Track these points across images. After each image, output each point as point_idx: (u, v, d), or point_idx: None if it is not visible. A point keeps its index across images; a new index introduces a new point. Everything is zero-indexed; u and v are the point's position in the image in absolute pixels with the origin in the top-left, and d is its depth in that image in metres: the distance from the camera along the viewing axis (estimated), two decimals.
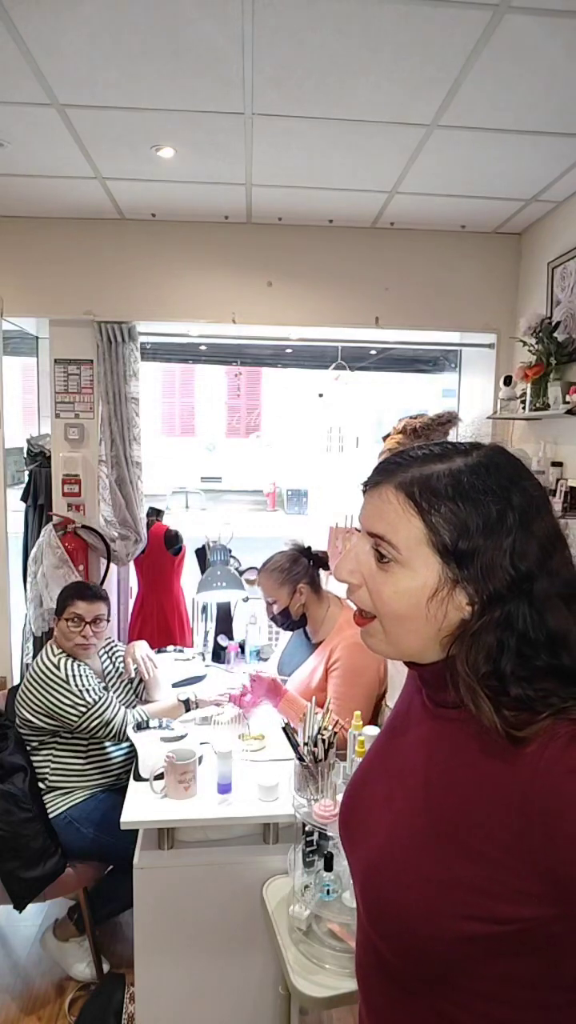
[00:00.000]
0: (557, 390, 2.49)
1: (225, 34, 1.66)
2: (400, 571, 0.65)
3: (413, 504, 0.64)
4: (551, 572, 0.63)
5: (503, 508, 0.62)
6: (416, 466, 0.66)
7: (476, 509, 0.62)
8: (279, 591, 2.26)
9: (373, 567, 0.67)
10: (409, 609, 0.65)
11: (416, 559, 0.64)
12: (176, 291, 3.00)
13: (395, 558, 0.65)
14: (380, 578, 0.66)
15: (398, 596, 0.65)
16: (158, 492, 7.09)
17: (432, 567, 0.64)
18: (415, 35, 1.64)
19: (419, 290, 3.06)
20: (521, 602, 0.62)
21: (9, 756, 2.11)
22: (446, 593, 0.63)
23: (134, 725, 2.12)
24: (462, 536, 0.62)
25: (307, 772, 1.67)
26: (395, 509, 0.65)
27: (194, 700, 2.27)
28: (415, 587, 0.64)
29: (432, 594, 0.63)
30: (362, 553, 0.69)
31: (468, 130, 2.11)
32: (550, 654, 0.61)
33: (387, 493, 0.66)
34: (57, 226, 2.93)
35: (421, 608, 0.64)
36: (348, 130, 2.13)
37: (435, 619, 0.64)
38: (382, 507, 0.66)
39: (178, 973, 1.74)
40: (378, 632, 0.69)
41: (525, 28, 1.60)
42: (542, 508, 0.66)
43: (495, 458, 0.66)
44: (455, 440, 0.69)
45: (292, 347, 3.57)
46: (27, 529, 3.31)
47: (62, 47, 1.72)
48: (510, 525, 0.62)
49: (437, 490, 0.64)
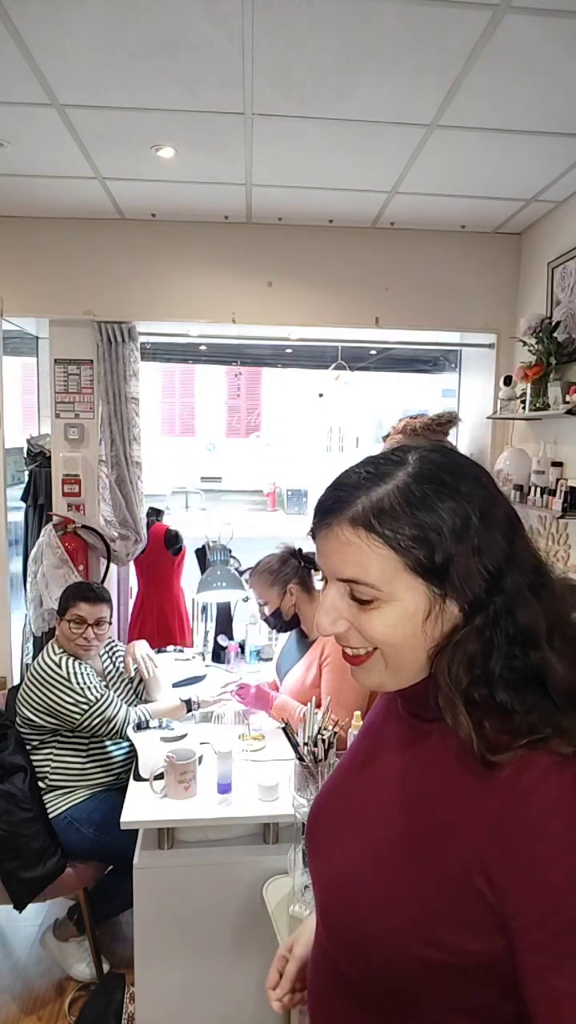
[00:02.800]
0: (557, 390, 2.49)
1: (225, 34, 1.65)
2: (386, 607, 0.62)
3: (375, 535, 0.60)
4: (516, 561, 0.62)
5: (460, 506, 0.60)
6: (361, 494, 0.62)
7: (436, 517, 0.60)
8: (269, 592, 2.26)
9: (355, 610, 0.63)
10: (407, 637, 0.62)
11: (398, 588, 0.61)
12: (176, 291, 3.00)
13: (377, 596, 0.61)
14: (366, 618, 0.63)
15: (392, 629, 0.62)
16: (158, 492, 7.09)
17: (417, 591, 0.61)
18: (415, 35, 1.64)
19: (419, 290, 3.06)
20: (499, 601, 0.60)
21: (9, 756, 2.11)
22: (439, 610, 0.61)
23: (134, 724, 2.12)
24: (435, 549, 0.60)
25: (307, 772, 1.67)
26: (359, 548, 0.61)
27: (196, 700, 2.27)
28: (407, 615, 0.61)
29: (426, 616, 0.61)
30: (337, 599, 0.64)
31: (468, 130, 2.11)
32: (523, 651, 0.60)
33: (343, 533, 0.62)
34: (57, 226, 2.93)
35: (419, 633, 0.62)
36: (348, 130, 2.13)
37: (433, 638, 0.62)
38: (343, 550, 0.62)
39: (178, 973, 1.74)
40: (377, 666, 0.65)
41: (525, 28, 1.60)
42: (493, 493, 0.64)
43: (432, 458, 0.63)
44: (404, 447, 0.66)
45: (292, 347, 3.57)
46: (27, 529, 3.31)
47: (62, 47, 1.72)
48: (471, 522, 0.60)
49: (393, 513, 0.60)
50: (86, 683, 2.14)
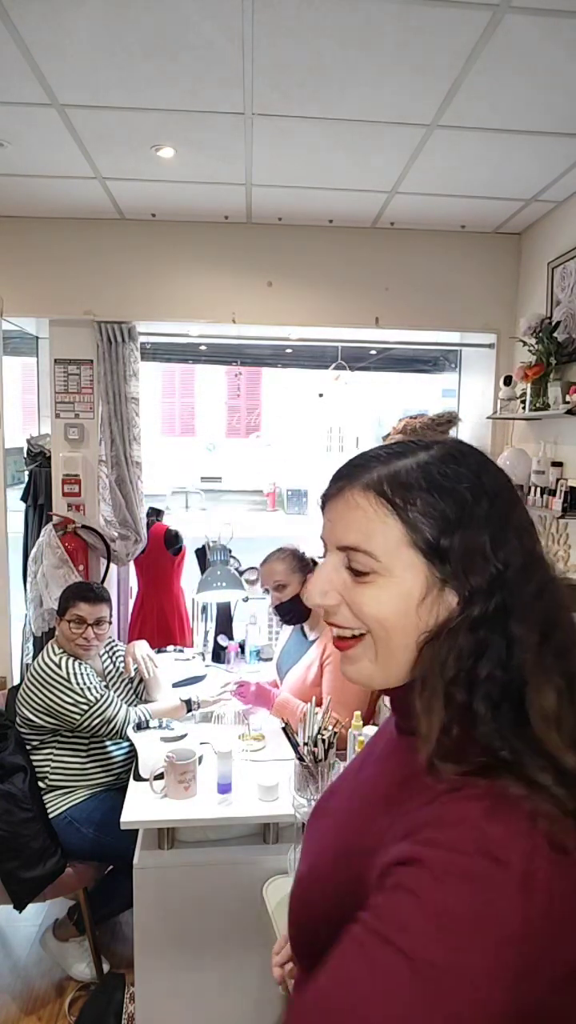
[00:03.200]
0: (557, 390, 2.49)
1: (225, 34, 1.66)
2: (382, 581, 0.59)
3: (386, 502, 0.58)
4: (526, 565, 0.58)
5: (478, 495, 0.58)
6: (380, 464, 0.60)
7: (452, 499, 0.58)
8: (292, 576, 2.26)
9: (349, 583, 0.61)
10: (398, 618, 0.58)
11: (398, 564, 0.58)
12: (176, 291, 3.00)
13: (374, 568, 0.59)
14: (359, 592, 0.60)
15: (384, 606, 0.59)
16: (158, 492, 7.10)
17: (417, 570, 0.58)
18: (415, 35, 1.64)
19: (419, 290, 3.06)
20: (497, 601, 0.57)
21: (9, 756, 2.11)
22: (436, 595, 0.58)
23: (135, 724, 2.12)
24: (444, 530, 0.57)
25: (307, 772, 1.67)
26: (366, 513, 0.59)
27: (196, 700, 2.27)
28: (402, 594, 0.58)
29: (421, 599, 0.58)
30: (332, 571, 0.62)
31: (468, 130, 2.11)
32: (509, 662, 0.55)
33: (353, 497, 0.60)
34: (57, 226, 2.93)
35: (411, 616, 0.58)
36: (348, 130, 2.13)
37: (425, 625, 0.58)
38: (349, 515, 0.60)
39: (178, 973, 1.74)
40: (365, 654, 0.61)
41: (525, 28, 1.60)
42: (514, 495, 0.62)
43: (459, 447, 0.62)
44: (459, 438, 0.65)
45: (292, 347, 3.57)
46: (27, 529, 3.31)
47: (62, 47, 1.72)
48: (487, 513, 0.58)
49: (409, 484, 0.58)
50: (86, 683, 2.14)
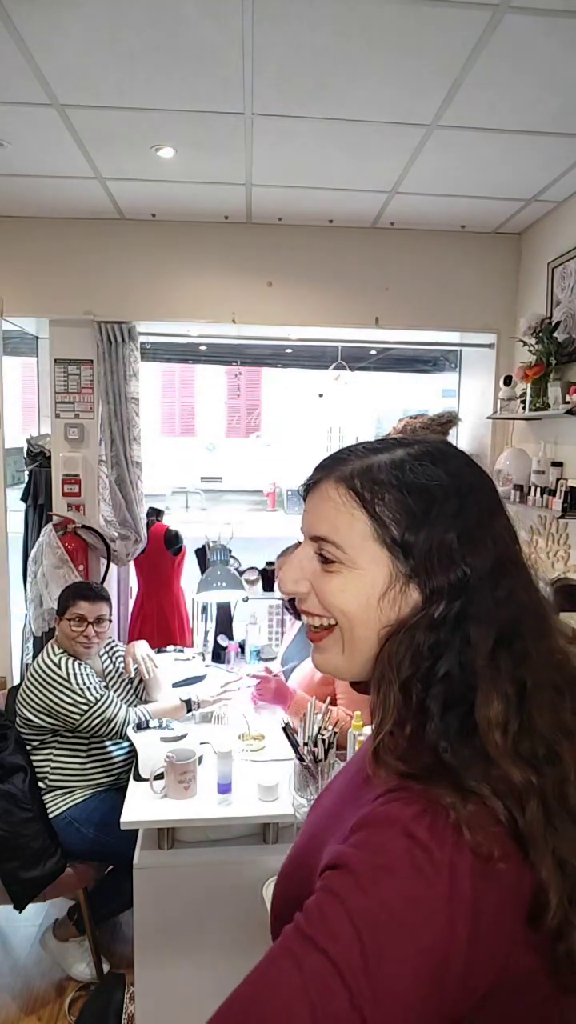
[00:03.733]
0: (557, 390, 2.49)
1: (225, 34, 1.66)
2: (347, 572, 0.60)
3: (355, 496, 0.60)
4: (496, 569, 0.58)
5: (448, 495, 0.58)
6: (356, 459, 0.62)
7: (422, 496, 0.58)
8: None
9: (319, 572, 0.62)
10: (359, 610, 0.59)
11: (362, 557, 0.59)
12: (176, 291, 3.00)
13: (340, 559, 0.60)
14: (325, 581, 0.61)
15: (346, 597, 0.60)
16: (158, 492, 7.09)
17: (381, 563, 0.59)
18: (415, 35, 1.64)
19: (419, 290, 3.06)
20: (460, 603, 0.56)
21: (9, 756, 2.11)
22: (399, 590, 0.58)
23: (134, 725, 2.12)
24: (410, 526, 0.58)
25: (307, 772, 1.67)
26: (335, 505, 0.60)
27: (196, 700, 2.27)
28: (364, 585, 0.59)
29: (383, 592, 0.58)
30: (305, 559, 0.63)
31: (468, 130, 2.11)
32: (462, 664, 0.55)
33: (327, 489, 0.62)
34: (57, 226, 2.93)
35: (373, 609, 0.59)
36: (348, 130, 2.13)
37: (387, 618, 0.59)
38: (322, 506, 0.62)
39: (178, 973, 1.74)
40: (334, 645, 0.63)
41: (525, 28, 1.60)
42: (493, 500, 0.62)
43: (440, 448, 0.63)
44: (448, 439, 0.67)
45: (292, 347, 3.57)
46: (27, 529, 3.31)
47: (62, 47, 1.72)
48: (456, 513, 0.58)
49: (379, 479, 0.59)
50: (86, 683, 2.14)
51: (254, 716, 2.25)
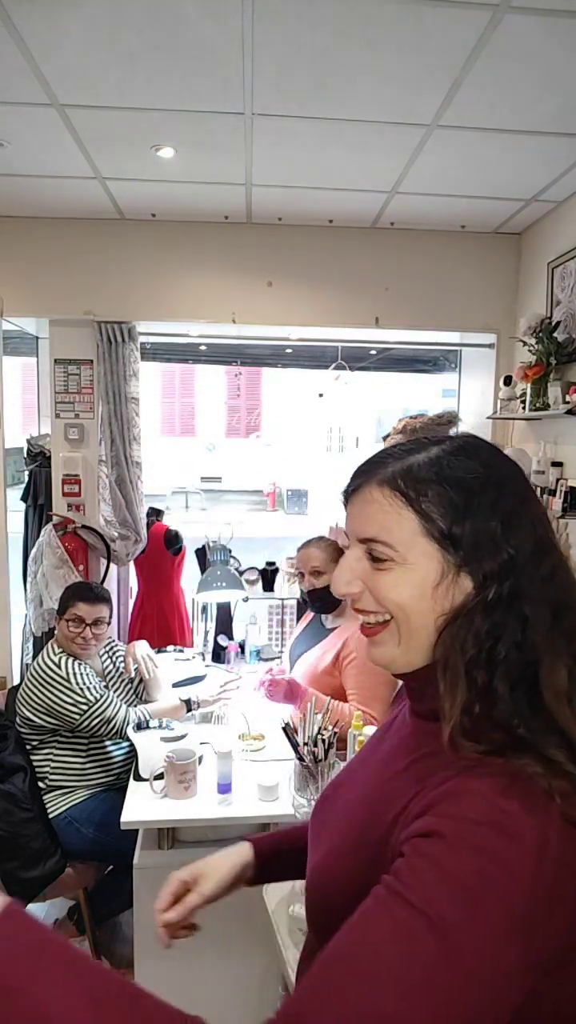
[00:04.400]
0: (557, 390, 2.49)
1: (225, 34, 1.66)
2: (399, 568, 0.63)
3: (400, 495, 0.63)
4: (538, 551, 0.61)
5: (486, 485, 0.62)
6: (395, 460, 0.65)
7: (463, 489, 0.62)
8: (330, 564, 2.26)
9: (369, 571, 0.65)
10: (414, 602, 0.62)
11: (414, 552, 0.62)
12: (176, 291, 3.00)
13: (391, 557, 0.63)
14: (379, 578, 0.64)
15: (401, 591, 0.63)
16: (158, 492, 7.10)
17: (432, 557, 0.62)
18: (415, 35, 1.64)
19: (419, 290, 3.06)
20: (510, 584, 0.60)
21: (9, 756, 2.11)
22: (451, 580, 0.62)
23: (134, 725, 2.12)
24: (455, 519, 0.61)
25: (307, 772, 1.67)
26: (382, 507, 0.64)
27: (196, 700, 2.27)
28: (417, 579, 0.62)
29: (436, 584, 0.62)
30: (355, 561, 0.66)
31: (468, 130, 2.11)
32: (523, 642, 0.59)
33: (370, 493, 0.65)
34: (57, 226, 2.93)
35: (427, 600, 0.62)
36: (348, 130, 2.13)
37: (442, 608, 0.62)
38: (367, 509, 0.65)
39: (178, 973, 1.74)
40: (390, 638, 0.65)
41: (525, 28, 1.60)
42: (526, 487, 0.65)
43: (469, 441, 0.66)
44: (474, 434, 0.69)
45: (292, 347, 3.57)
46: (27, 529, 3.31)
47: (62, 47, 1.72)
48: (495, 501, 0.61)
49: (421, 477, 0.63)
50: (86, 683, 2.14)
51: (254, 716, 2.25)
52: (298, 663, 2.33)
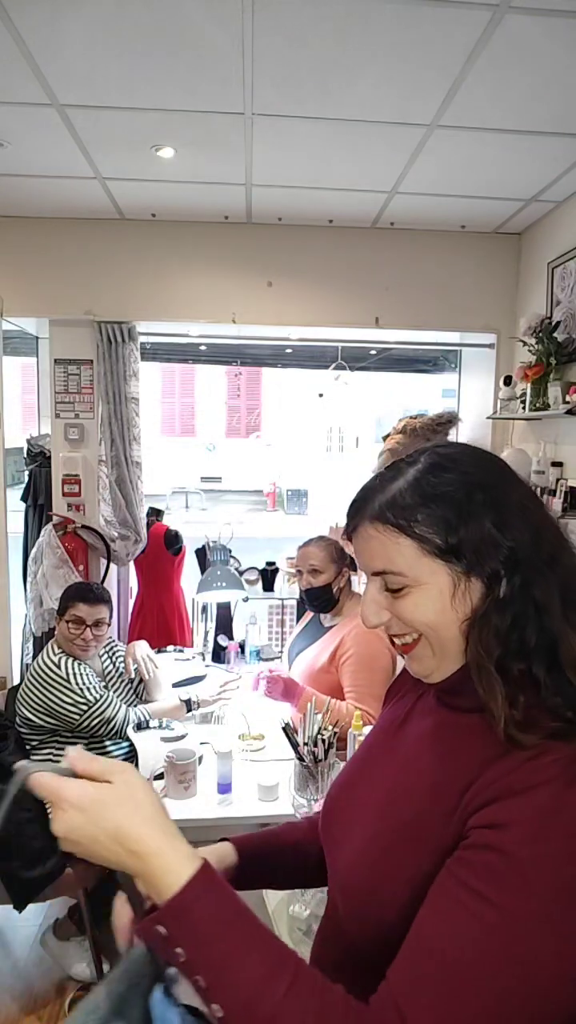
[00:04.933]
0: (557, 390, 2.49)
1: (225, 34, 1.66)
2: (416, 591, 0.67)
3: (392, 527, 0.67)
4: (534, 538, 0.65)
5: (470, 491, 0.65)
6: (377, 494, 0.69)
7: (447, 503, 0.65)
8: (330, 564, 2.27)
9: (390, 600, 0.69)
10: (438, 615, 0.66)
11: (423, 574, 0.66)
12: (176, 291, 3.00)
13: (406, 584, 0.67)
14: (401, 605, 0.68)
15: (423, 611, 0.67)
16: (158, 492, 7.10)
17: (440, 572, 0.66)
18: (415, 35, 1.64)
19: (419, 290, 3.06)
20: (518, 577, 0.64)
21: (9, 756, 2.11)
22: (464, 587, 0.65)
23: (134, 725, 2.12)
24: (449, 531, 0.65)
25: (307, 772, 1.68)
26: (381, 542, 0.68)
27: (196, 700, 2.27)
28: (434, 595, 0.66)
29: (452, 594, 0.66)
30: (375, 593, 0.71)
31: (468, 130, 2.11)
32: (540, 626, 0.63)
33: (366, 531, 0.69)
34: (57, 226, 2.93)
35: (449, 611, 0.66)
36: (348, 130, 2.13)
37: (464, 614, 0.66)
38: (369, 545, 0.69)
39: None
40: (425, 652, 0.69)
41: (525, 28, 1.60)
42: (506, 476, 0.69)
43: (439, 451, 0.70)
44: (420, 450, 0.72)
45: (292, 347, 3.58)
46: (27, 529, 3.31)
47: (62, 47, 1.72)
48: (483, 502, 0.65)
49: (406, 504, 0.66)
50: (86, 684, 2.14)
51: (254, 716, 2.25)
52: (296, 661, 2.34)
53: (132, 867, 0.58)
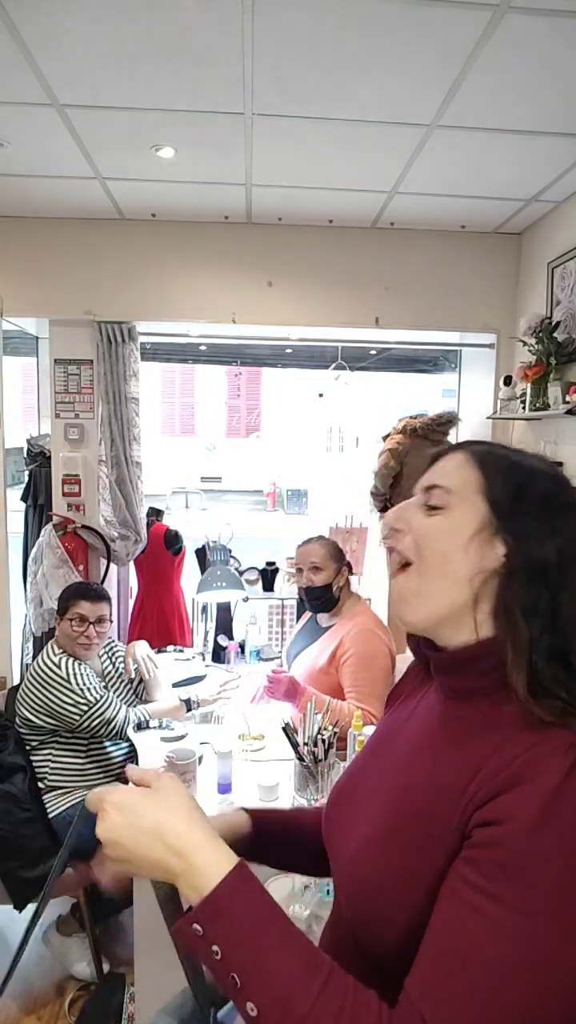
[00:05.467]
0: (557, 390, 2.49)
1: (225, 34, 1.65)
2: (446, 517, 0.70)
3: (476, 460, 0.72)
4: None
5: (554, 498, 0.69)
6: (491, 446, 0.76)
7: (529, 488, 0.69)
8: (330, 562, 2.28)
9: (420, 516, 0.73)
10: (449, 548, 0.69)
11: (464, 504, 0.70)
12: (176, 291, 3.00)
13: (445, 503, 0.71)
14: (425, 522, 0.72)
15: (440, 535, 0.70)
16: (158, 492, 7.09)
17: (478, 512, 0.69)
18: (415, 35, 1.64)
19: (419, 290, 3.06)
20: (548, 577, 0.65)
21: (9, 756, 2.11)
22: (486, 536, 0.68)
23: (135, 725, 2.12)
24: (514, 497, 0.68)
25: (307, 772, 1.68)
26: (458, 463, 0.73)
27: (196, 700, 2.27)
28: (458, 527, 0.69)
29: (474, 534, 0.68)
30: (411, 505, 0.74)
31: (468, 130, 2.11)
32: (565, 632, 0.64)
33: (458, 455, 0.74)
34: (57, 226, 2.93)
35: (460, 549, 0.68)
36: (348, 130, 2.13)
37: (471, 561, 0.68)
38: (445, 465, 0.74)
39: (178, 973, 1.73)
40: (412, 580, 0.71)
41: (525, 28, 1.60)
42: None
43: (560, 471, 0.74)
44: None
45: (292, 347, 3.57)
46: (27, 529, 3.31)
47: (62, 47, 1.72)
48: (560, 511, 0.68)
49: (500, 458, 0.73)
50: (86, 684, 2.14)
51: (254, 716, 2.25)
52: (295, 663, 2.34)
53: (171, 865, 0.59)
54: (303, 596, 2.33)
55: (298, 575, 2.34)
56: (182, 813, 0.62)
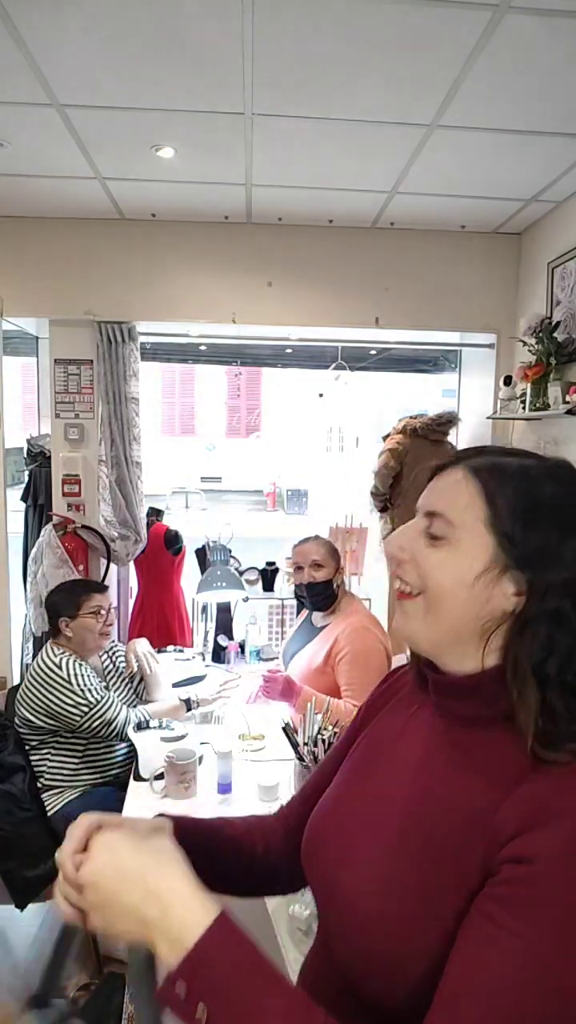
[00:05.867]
0: (557, 390, 2.49)
1: (225, 34, 1.65)
2: (451, 550, 0.65)
3: (479, 483, 0.65)
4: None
5: (567, 507, 0.63)
6: (489, 455, 0.68)
7: (539, 500, 0.63)
8: (330, 559, 2.32)
9: (422, 545, 0.67)
10: (454, 584, 0.64)
11: (468, 537, 0.64)
12: (176, 291, 3.00)
13: (447, 536, 0.65)
14: (429, 554, 0.66)
15: (444, 569, 0.65)
16: (158, 492, 7.09)
17: (485, 547, 0.63)
18: (415, 35, 1.64)
19: (419, 290, 3.06)
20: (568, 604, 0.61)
21: (9, 756, 2.11)
22: (495, 575, 0.63)
23: (134, 725, 2.12)
24: (524, 523, 0.62)
25: (307, 772, 1.67)
26: (459, 487, 0.66)
27: (196, 700, 2.27)
28: (464, 564, 0.64)
29: (481, 572, 0.63)
30: (413, 531, 0.69)
31: (468, 130, 2.11)
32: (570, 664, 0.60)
33: (455, 473, 0.67)
34: (57, 226, 2.93)
35: (466, 586, 0.63)
36: (348, 130, 2.13)
37: (478, 600, 0.63)
38: (445, 483, 0.68)
39: None
40: (417, 609, 0.67)
41: (525, 28, 1.60)
42: None
43: (566, 466, 0.67)
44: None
45: (292, 347, 3.57)
46: (27, 529, 3.31)
47: (62, 47, 1.72)
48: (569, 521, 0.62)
49: (506, 476, 0.64)
50: (87, 684, 2.14)
51: (254, 716, 2.25)
52: (292, 663, 2.34)
53: (149, 913, 0.56)
54: (303, 594, 2.34)
55: (297, 573, 2.35)
56: (168, 857, 0.61)
